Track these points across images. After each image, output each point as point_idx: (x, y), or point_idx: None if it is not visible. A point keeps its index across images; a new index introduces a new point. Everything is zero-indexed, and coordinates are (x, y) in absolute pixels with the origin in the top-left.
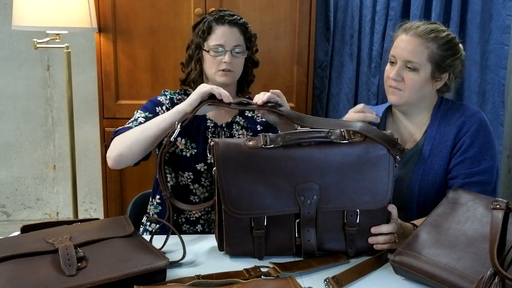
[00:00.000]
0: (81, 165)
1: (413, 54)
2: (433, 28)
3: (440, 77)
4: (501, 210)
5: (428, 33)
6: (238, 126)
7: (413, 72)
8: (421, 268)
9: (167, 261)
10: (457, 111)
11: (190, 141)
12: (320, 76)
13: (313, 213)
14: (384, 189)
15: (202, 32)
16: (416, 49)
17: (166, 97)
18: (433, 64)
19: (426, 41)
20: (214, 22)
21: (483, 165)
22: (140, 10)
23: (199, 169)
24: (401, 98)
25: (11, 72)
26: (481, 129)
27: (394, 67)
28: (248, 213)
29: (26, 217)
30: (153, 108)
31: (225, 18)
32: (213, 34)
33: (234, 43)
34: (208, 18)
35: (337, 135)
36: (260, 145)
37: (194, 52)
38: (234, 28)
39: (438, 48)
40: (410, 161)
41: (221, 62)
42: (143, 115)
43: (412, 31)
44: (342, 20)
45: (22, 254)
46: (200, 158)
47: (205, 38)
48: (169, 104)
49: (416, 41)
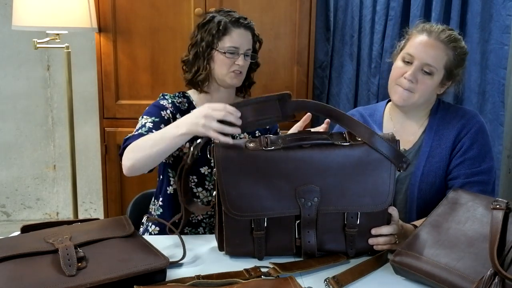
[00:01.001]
0: (81, 165)
1: (434, 59)
2: (455, 37)
3: (446, 83)
4: (501, 210)
5: (451, 41)
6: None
7: (428, 76)
8: (421, 268)
9: (167, 261)
10: (456, 113)
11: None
12: (320, 76)
13: (313, 215)
14: (385, 192)
15: (217, 31)
16: (437, 54)
17: (167, 100)
18: (446, 71)
19: (447, 48)
20: (230, 24)
21: (484, 165)
22: (140, 10)
23: (203, 173)
24: (409, 100)
25: (11, 72)
26: (480, 131)
27: (409, 67)
28: (248, 215)
29: (26, 217)
30: (158, 112)
31: (241, 21)
32: (228, 35)
33: (247, 47)
34: (220, 17)
35: (338, 137)
36: (260, 147)
37: (204, 50)
38: (248, 31)
39: (454, 57)
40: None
41: (233, 64)
42: (150, 120)
43: (435, 34)
44: (342, 20)
45: (22, 254)
46: (204, 161)
47: (219, 38)
48: (172, 108)
49: (439, 46)
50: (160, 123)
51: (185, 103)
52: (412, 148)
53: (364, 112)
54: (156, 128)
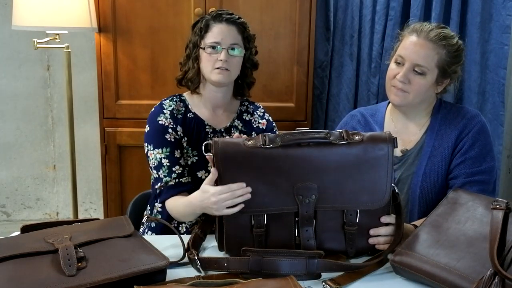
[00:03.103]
0: (81, 165)
1: (424, 59)
2: (445, 35)
3: (443, 81)
4: (501, 210)
5: (440, 39)
6: (236, 131)
7: (420, 76)
8: (421, 268)
9: (167, 261)
10: (458, 113)
11: (191, 148)
12: (320, 76)
13: (311, 212)
14: (382, 189)
15: (200, 30)
16: (427, 53)
17: (165, 115)
18: (439, 69)
19: (437, 47)
20: (212, 20)
21: (484, 165)
22: (140, 10)
23: (200, 177)
24: (404, 100)
25: (11, 72)
26: (481, 131)
27: (401, 68)
28: (247, 211)
29: (26, 217)
30: (163, 140)
31: (223, 16)
32: (210, 31)
33: (231, 41)
34: (207, 17)
35: (336, 136)
36: (259, 144)
37: (192, 50)
38: (231, 26)
39: (447, 55)
40: (411, 162)
41: (217, 60)
42: (163, 156)
43: (424, 34)
44: (342, 20)
45: (22, 254)
46: (201, 165)
47: (202, 36)
48: (172, 123)
49: (428, 46)
50: (173, 152)
51: (182, 108)
52: (413, 148)
53: (366, 112)
54: (173, 162)
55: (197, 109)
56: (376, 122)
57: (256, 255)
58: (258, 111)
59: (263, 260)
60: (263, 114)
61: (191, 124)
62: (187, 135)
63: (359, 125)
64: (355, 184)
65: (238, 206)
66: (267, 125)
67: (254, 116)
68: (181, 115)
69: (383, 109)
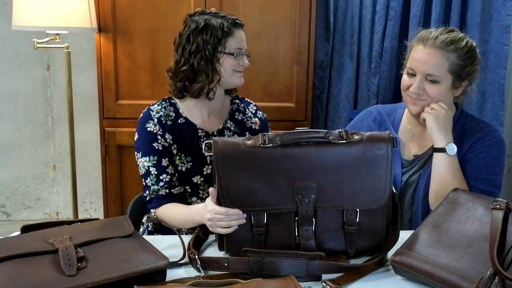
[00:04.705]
0: (81, 165)
1: (434, 67)
2: (452, 39)
3: (460, 85)
4: (501, 210)
5: (448, 44)
6: (229, 132)
7: (434, 84)
8: (421, 268)
9: (167, 261)
10: (477, 125)
11: (184, 154)
12: (320, 76)
13: (310, 211)
14: (382, 189)
15: (222, 34)
16: (437, 62)
17: (154, 121)
18: (453, 74)
19: (446, 53)
20: (232, 25)
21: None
22: (140, 10)
23: (195, 182)
24: (423, 108)
25: (11, 72)
26: (494, 145)
27: (413, 79)
28: (247, 210)
29: (26, 217)
30: (150, 147)
31: (237, 22)
32: (232, 37)
33: (246, 46)
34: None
35: (336, 135)
36: (258, 144)
37: (212, 54)
38: (243, 32)
39: (458, 58)
40: (420, 166)
41: (238, 64)
42: (151, 164)
43: (430, 41)
44: (342, 20)
45: (22, 254)
46: (196, 170)
47: (226, 40)
48: (161, 130)
49: (436, 54)
50: (160, 161)
51: (172, 113)
52: (424, 153)
53: (383, 110)
54: (160, 170)
55: (188, 113)
56: (392, 122)
57: (257, 255)
58: (250, 107)
59: (264, 260)
60: (255, 112)
61: (182, 130)
62: (177, 142)
63: (374, 123)
64: (354, 183)
65: (231, 228)
66: (260, 124)
67: (246, 115)
68: (171, 121)
69: (401, 111)
